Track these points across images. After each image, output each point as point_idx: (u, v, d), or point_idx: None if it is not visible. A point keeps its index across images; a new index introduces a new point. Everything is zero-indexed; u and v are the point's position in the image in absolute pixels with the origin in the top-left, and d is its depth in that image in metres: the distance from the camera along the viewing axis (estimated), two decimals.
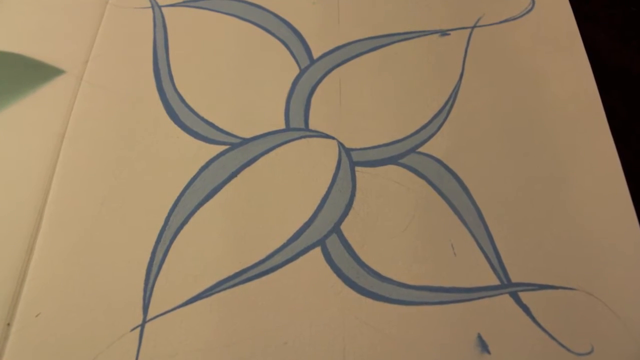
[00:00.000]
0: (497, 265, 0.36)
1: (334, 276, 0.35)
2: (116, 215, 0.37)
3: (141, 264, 0.35)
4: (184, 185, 0.38)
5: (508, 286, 0.35)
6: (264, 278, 0.35)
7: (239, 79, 0.43)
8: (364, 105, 0.42)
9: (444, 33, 0.47)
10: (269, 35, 0.45)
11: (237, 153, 0.39)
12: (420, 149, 0.40)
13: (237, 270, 0.35)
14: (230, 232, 0.36)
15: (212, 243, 0.36)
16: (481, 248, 0.37)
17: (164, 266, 0.35)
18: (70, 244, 0.36)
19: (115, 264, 0.35)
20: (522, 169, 0.40)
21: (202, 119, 0.41)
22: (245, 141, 0.40)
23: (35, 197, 0.37)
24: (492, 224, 0.37)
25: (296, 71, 0.43)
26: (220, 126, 0.41)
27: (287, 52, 0.44)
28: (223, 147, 0.40)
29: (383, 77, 0.44)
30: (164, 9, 0.46)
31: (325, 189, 0.38)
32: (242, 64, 0.44)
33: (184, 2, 0.47)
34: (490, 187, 0.39)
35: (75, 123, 0.40)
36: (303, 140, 0.40)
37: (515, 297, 0.35)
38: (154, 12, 0.47)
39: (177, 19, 0.46)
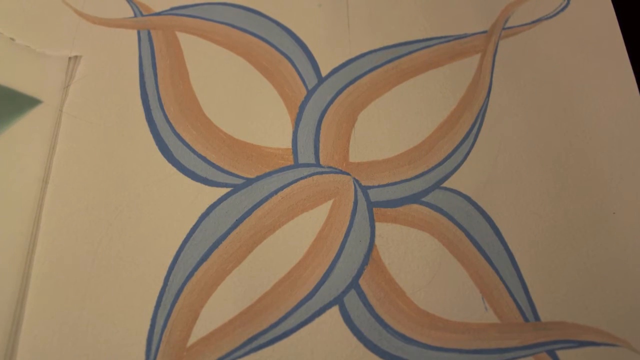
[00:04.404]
0: (532, 319, 0.33)
1: (355, 339, 0.32)
2: (109, 277, 0.33)
3: (140, 334, 0.32)
4: (182, 238, 0.34)
5: (545, 344, 0.32)
6: (276, 345, 0.32)
7: (237, 104, 0.38)
8: (380, 132, 0.38)
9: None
10: (272, 49, 0.40)
11: (240, 196, 0.35)
12: (445, 184, 0.36)
13: (247, 337, 0.32)
14: (237, 292, 0.33)
15: (218, 306, 0.32)
16: (515, 300, 0.33)
17: (165, 335, 0.32)
18: (59, 312, 0.32)
19: (111, 336, 0.31)
20: (561, 205, 0.35)
21: (199, 155, 0.36)
22: (249, 182, 0.35)
23: (19, 256, 0.33)
24: (526, 272, 0.34)
25: (303, 93, 0.38)
26: (220, 164, 0.36)
27: (293, 70, 0.39)
28: (224, 190, 0.35)
29: (401, 96, 0.39)
30: (150, 19, 0.40)
31: (342, 237, 0.34)
32: (240, 85, 0.38)
33: (170, 9, 0.41)
34: (524, 228, 0.35)
35: (59, 165, 0.36)
36: (315, 178, 0.36)
37: (553, 356, 0.32)
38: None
39: (165, 31, 0.40)
